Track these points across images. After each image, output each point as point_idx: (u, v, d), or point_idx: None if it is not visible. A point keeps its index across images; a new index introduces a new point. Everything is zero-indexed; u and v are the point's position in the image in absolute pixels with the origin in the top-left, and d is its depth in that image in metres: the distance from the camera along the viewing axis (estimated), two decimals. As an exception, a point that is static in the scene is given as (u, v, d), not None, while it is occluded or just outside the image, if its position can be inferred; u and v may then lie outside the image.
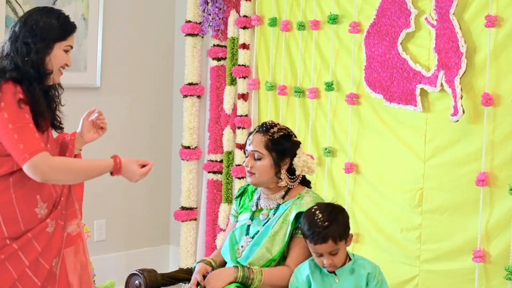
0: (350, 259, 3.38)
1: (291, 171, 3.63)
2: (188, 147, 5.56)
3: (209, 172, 5.51)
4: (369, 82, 4.52)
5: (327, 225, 3.29)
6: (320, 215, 3.34)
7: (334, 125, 4.81)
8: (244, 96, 5.28)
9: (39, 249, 3.29)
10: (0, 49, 3.32)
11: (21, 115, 3.15)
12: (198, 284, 3.64)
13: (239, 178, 5.27)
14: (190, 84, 5.55)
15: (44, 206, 3.36)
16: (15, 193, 3.27)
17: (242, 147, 5.12)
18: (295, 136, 3.71)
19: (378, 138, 4.58)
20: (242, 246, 3.65)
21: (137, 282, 3.82)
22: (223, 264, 3.73)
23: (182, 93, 5.60)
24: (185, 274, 4.02)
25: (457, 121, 4.05)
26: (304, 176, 3.72)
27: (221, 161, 5.48)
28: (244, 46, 5.28)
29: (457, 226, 4.14)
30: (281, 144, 3.63)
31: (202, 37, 5.60)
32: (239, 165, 5.24)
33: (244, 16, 5.26)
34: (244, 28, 5.28)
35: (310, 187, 3.75)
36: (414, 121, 4.36)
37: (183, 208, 5.66)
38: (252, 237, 3.62)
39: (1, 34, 5.13)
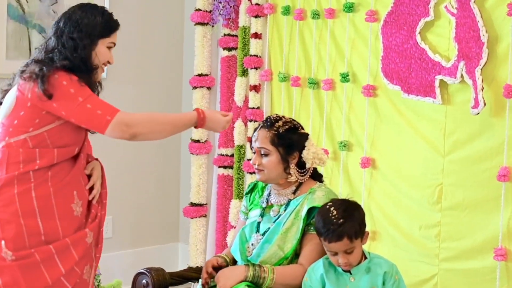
0: (365, 258, 3.42)
1: (301, 164, 3.65)
2: (198, 141, 5.61)
3: (219, 166, 5.56)
4: (386, 73, 4.55)
5: (342, 223, 3.31)
6: (334, 212, 3.35)
7: (350, 118, 4.85)
8: (256, 88, 5.32)
9: (77, 258, 3.43)
10: (44, 45, 3.47)
11: (85, 88, 3.34)
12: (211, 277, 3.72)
13: (250, 173, 5.31)
14: (199, 75, 5.60)
15: (79, 203, 3.49)
16: (53, 186, 3.38)
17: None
18: (302, 128, 3.73)
19: (395, 132, 4.62)
20: (252, 244, 3.67)
21: (144, 281, 3.86)
22: (236, 262, 3.77)
23: (192, 85, 5.65)
24: (194, 273, 4.06)
25: (478, 113, 4.08)
26: (315, 170, 3.74)
27: (232, 155, 5.53)
28: (256, 36, 5.32)
29: (478, 223, 4.17)
30: (288, 138, 3.64)
31: (213, 26, 5.63)
32: (250, 159, 5.26)
33: (256, 4, 5.30)
34: (256, 16, 5.33)
35: (322, 181, 3.77)
36: (433, 114, 4.39)
37: (192, 204, 5.72)
38: (263, 235, 3.65)
39: (3, 23, 5.28)
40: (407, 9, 4.43)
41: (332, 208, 3.37)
